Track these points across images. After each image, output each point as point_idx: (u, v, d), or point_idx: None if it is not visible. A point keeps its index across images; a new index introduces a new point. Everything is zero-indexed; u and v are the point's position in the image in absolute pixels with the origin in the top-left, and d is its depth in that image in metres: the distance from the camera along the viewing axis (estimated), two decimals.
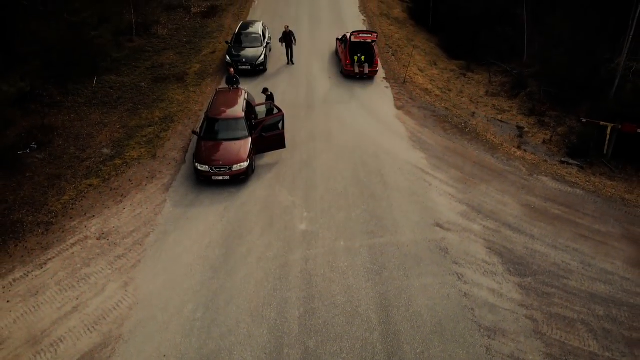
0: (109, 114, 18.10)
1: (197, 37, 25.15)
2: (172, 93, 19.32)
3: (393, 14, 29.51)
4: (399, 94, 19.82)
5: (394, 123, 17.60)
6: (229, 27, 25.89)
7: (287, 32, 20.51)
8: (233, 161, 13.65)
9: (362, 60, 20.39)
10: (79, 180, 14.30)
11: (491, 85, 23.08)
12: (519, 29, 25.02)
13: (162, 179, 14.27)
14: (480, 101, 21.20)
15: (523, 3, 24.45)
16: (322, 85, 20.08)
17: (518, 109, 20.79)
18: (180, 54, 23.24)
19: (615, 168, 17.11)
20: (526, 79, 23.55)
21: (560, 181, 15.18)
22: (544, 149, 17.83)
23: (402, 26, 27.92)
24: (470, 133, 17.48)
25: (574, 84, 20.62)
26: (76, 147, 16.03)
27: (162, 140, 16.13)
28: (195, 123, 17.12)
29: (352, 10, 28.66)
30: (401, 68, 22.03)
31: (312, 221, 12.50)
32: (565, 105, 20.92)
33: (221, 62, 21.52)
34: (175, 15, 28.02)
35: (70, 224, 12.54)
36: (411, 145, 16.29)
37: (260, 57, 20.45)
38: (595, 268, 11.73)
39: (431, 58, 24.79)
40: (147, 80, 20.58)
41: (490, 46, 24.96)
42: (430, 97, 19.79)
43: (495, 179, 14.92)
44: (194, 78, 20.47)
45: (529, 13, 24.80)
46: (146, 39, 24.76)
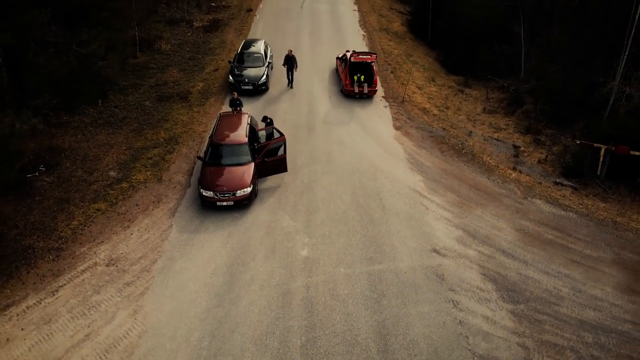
0: (114, 134, 18.57)
1: (200, 53, 25.63)
2: (176, 113, 19.79)
3: (392, 27, 29.97)
4: (397, 113, 20.28)
5: (392, 144, 18.06)
6: (230, 43, 26.36)
7: (290, 56, 20.91)
8: (237, 187, 14.11)
9: (361, 80, 20.86)
10: (87, 204, 14.76)
11: (488, 101, 23.55)
12: (516, 45, 25.51)
13: (168, 203, 14.73)
14: (478, 119, 21.66)
15: (520, 20, 24.91)
16: (322, 104, 20.54)
17: (514, 127, 21.26)
18: (183, 71, 23.72)
19: (609, 188, 17.56)
20: (523, 95, 24.05)
21: (554, 204, 15.64)
22: (539, 169, 18.29)
23: (401, 41, 28.38)
24: (467, 154, 17.94)
25: (569, 102, 21.12)
26: (83, 169, 16.49)
27: (167, 163, 16.60)
28: (199, 145, 17.59)
29: (352, 25, 29.14)
30: (400, 86, 22.49)
31: (313, 247, 12.97)
32: (561, 123, 21.40)
33: (224, 81, 21.98)
34: (177, 30, 28.50)
35: (80, 250, 13.00)
36: (409, 167, 16.75)
37: (262, 77, 20.91)
38: (585, 294, 12.19)
39: (429, 74, 25.25)
40: (152, 98, 21.06)
41: (488, 62, 25.44)
42: (428, 117, 20.25)
43: (491, 202, 15.38)
44: (198, 97, 20.92)
45: (526, 29, 25.27)
46: (150, 55, 25.25)
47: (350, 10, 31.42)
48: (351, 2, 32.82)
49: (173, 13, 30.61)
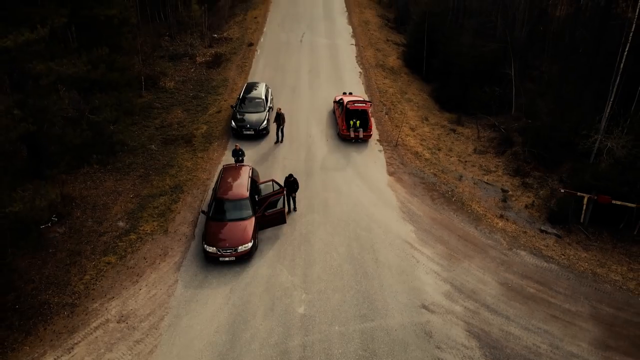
0: (122, 180, 19.54)
1: (203, 92, 26.65)
2: (180, 158, 20.76)
3: (388, 62, 31.01)
4: (391, 158, 21.26)
5: (385, 192, 19.02)
6: (232, 82, 27.39)
7: (280, 113, 21.31)
8: (238, 242, 15.06)
9: (357, 125, 21.85)
10: (98, 257, 15.71)
11: (479, 141, 24.54)
12: (507, 83, 26.54)
13: (174, 256, 15.67)
14: (469, 160, 22.63)
15: (511, 62, 25.93)
16: (320, 149, 21.51)
17: (504, 169, 22.24)
18: (187, 111, 24.73)
19: (592, 235, 18.52)
20: (513, 134, 25.07)
21: (537, 255, 16.59)
22: (525, 214, 19.26)
23: (396, 77, 29.41)
24: (457, 202, 18.91)
25: (557, 144, 22.11)
26: (93, 219, 17.45)
27: (172, 213, 17.56)
28: (203, 193, 18.55)
29: (350, 61, 30.17)
30: (394, 128, 23.50)
31: (310, 304, 13.90)
32: (549, 165, 22.42)
33: (226, 124, 22.97)
34: (181, 66, 29.56)
35: (93, 306, 13.93)
36: (401, 216, 17.71)
37: (263, 122, 21.90)
38: (562, 351, 13.11)
39: (423, 112, 26.26)
40: (157, 141, 22.05)
41: (480, 99, 26.48)
42: (420, 162, 21.23)
43: (478, 254, 16.33)
44: (202, 141, 21.91)
45: (516, 69, 26.29)
46: (154, 94, 26.29)
47: (348, 45, 32.47)
48: (349, 36, 33.88)
49: (176, 47, 31.65)
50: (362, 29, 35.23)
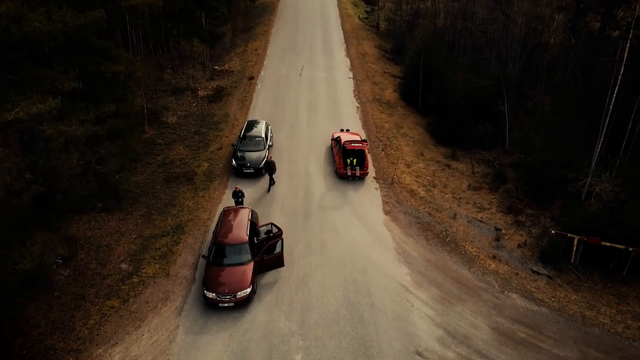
0: (125, 220, 20.11)
1: (205, 127, 27.36)
2: (182, 197, 21.35)
3: (385, 96, 31.80)
4: (387, 196, 21.85)
5: (381, 232, 19.56)
6: (233, 117, 28.12)
7: (270, 162, 21.52)
8: (237, 288, 15.55)
9: (354, 163, 22.48)
10: (102, 300, 16.18)
11: (474, 176, 25.16)
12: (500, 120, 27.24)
13: (175, 300, 16.15)
14: (463, 197, 23.21)
15: (504, 98, 26.66)
16: (318, 187, 22.10)
17: (497, 206, 22.80)
18: (189, 147, 25.41)
19: (582, 275, 19.00)
20: (506, 169, 25.70)
21: (528, 298, 17.05)
22: (518, 253, 19.77)
23: (392, 111, 30.16)
24: (450, 243, 19.43)
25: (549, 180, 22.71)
26: (97, 261, 17.97)
27: (174, 255, 18.08)
28: (204, 234, 19.09)
29: (347, 95, 30.95)
30: (390, 165, 24.14)
31: (307, 351, 14.33)
32: (541, 202, 22.99)
33: (227, 161, 23.60)
34: (183, 100, 30.34)
35: (97, 352, 14.37)
36: (397, 258, 18.22)
37: (263, 161, 22.53)
38: None
39: (418, 147, 26.93)
40: (159, 179, 22.68)
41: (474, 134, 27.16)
42: (415, 200, 21.81)
43: (471, 297, 16.80)
44: (203, 179, 22.52)
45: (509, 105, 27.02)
46: (157, 129, 27.00)
47: (346, 78, 33.31)
48: (347, 69, 34.75)
49: (179, 80, 32.52)
50: (359, 62, 36.13)
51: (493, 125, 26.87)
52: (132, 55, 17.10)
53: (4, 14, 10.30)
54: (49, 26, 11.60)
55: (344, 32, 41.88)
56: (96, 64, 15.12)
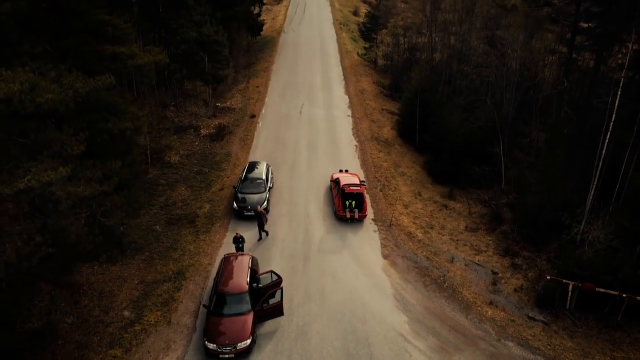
0: (127, 264, 20.46)
1: (207, 166, 27.93)
2: (184, 240, 21.74)
3: (383, 134, 32.48)
4: (385, 239, 22.24)
5: (380, 277, 19.87)
6: (235, 156, 28.72)
7: (260, 212, 21.39)
8: (238, 339, 15.80)
9: (352, 206, 22.94)
10: (105, 349, 16.41)
11: (471, 217, 25.60)
12: (496, 161, 27.83)
13: (177, 350, 16.38)
14: (460, 239, 23.60)
15: (499, 140, 27.31)
16: (317, 229, 22.49)
17: (494, 248, 23.17)
18: (191, 187, 25.92)
19: (578, 320, 19.26)
20: (503, 210, 26.17)
21: (524, 347, 17.29)
22: (515, 298, 20.07)
23: (390, 149, 30.79)
24: (448, 289, 19.75)
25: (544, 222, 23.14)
26: (100, 307, 18.26)
27: (175, 302, 18.37)
28: (205, 280, 19.41)
29: (346, 134, 31.63)
30: (388, 207, 24.60)
31: None
32: (537, 244, 23.37)
33: (228, 203, 24.06)
34: (185, 138, 31.00)
35: None
36: (395, 305, 18.50)
37: (263, 204, 22.98)
38: None
39: (416, 187, 27.44)
40: (161, 222, 23.11)
41: (471, 174, 27.72)
42: (413, 244, 22.20)
43: (468, 346, 17.03)
44: (204, 222, 22.94)
45: (504, 146, 27.65)
46: (160, 169, 27.55)
47: (345, 116, 34.07)
48: (345, 106, 35.56)
49: (181, 118, 33.25)
50: (358, 99, 36.98)
51: (489, 166, 27.47)
52: (138, 109, 17.67)
53: (19, 91, 10.88)
54: (61, 95, 12.19)
55: (342, 68, 42.91)
56: (104, 121, 15.73)
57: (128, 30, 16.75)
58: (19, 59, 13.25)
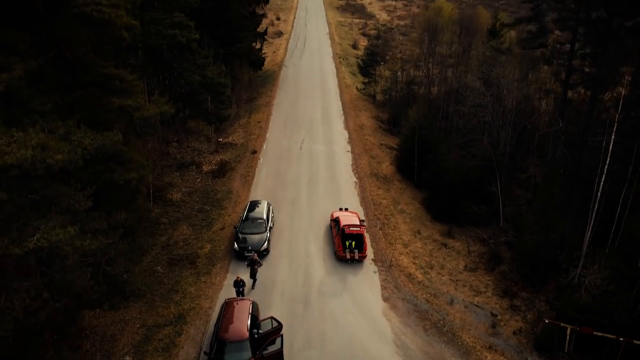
0: (129, 307, 20.56)
1: (208, 204, 28.29)
2: (185, 282, 21.92)
3: (382, 170, 32.95)
4: (385, 280, 22.41)
5: (380, 322, 19.96)
6: (236, 194, 29.10)
7: (254, 259, 21.31)
8: None
9: (352, 246, 23.18)
10: None
11: (470, 256, 25.82)
12: (494, 199, 28.20)
13: None
14: (459, 279, 23.77)
15: (497, 178, 27.75)
16: (317, 271, 22.67)
17: (493, 289, 23.33)
18: (192, 226, 26.22)
19: None
20: (501, 248, 26.43)
21: None
22: (514, 341, 20.15)
23: (389, 186, 31.20)
24: (448, 333, 19.84)
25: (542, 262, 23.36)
26: (102, 352, 18.33)
27: (176, 348, 18.44)
28: (205, 325, 19.51)
29: (346, 170, 32.09)
30: (388, 246, 24.84)
31: None
32: (535, 285, 23.53)
33: (229, 243, 24.29)
34: (187, 175, 31.46)
35: None
36: (395, 351, 18.55)
37: (264, 244, 23.26)
38: None
39: (415, 225, 27.73)
40: (163, 262, 23.33)
41: (469, 212, 28.04)
42: (413, 285, 22.36)
43: None
44: (205, 263, 23.15)
45: (502, 185, 28.07)
46: (162, 207, 27.90)
47: (344, 152, 34.60)
48: (345, 142, 36.13)
49: (184, 154, 33.79)
50: (357, 134, 37.61)
51: (487, 204, 27.84)
52: (143, 158, 18.11)
53: (30, 158, 11.32)
54: (70, 155, 12.63)
55: (342, 102, 43.72)
56: (110, 172, 16.15)
57: (134, 82, 17.33)
58: (29, 117, 13.72)
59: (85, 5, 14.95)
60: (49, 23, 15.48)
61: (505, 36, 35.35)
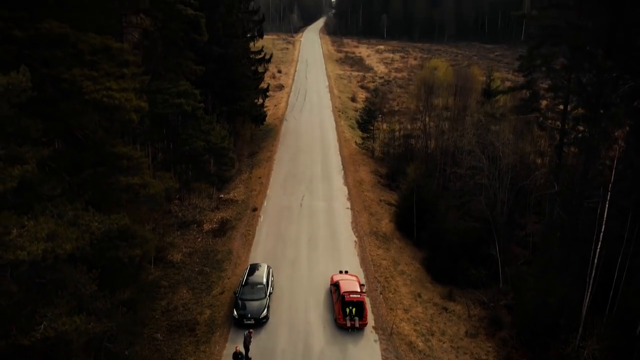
0: None
1: (208, 266, 28.39)
2: (184, 351, 21.73)
3: (381, 228, 33.27)
4: (386, 350, 22.22)
5: None
6: (236, 255, 29.27)
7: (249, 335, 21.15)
8: None
9: (353, 313, 23.15)
10: None
11: (470, 320, 25.74)
12: (493, 262, 28.39)
13: None
14: (461, 345, 23.62)
15: (495, 241, 28.04)
16: (317, 340, 22.47)
17: (494, 356, 23.19)
18: (192, 290, 26.22)
19: None
20: (502, 311, 26.39)
21: None
22: None
23: (389, 245, 31.42)
24: None
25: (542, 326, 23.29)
26: None
27: None
28: None
29: (346, 228, 32.41)
30: (388, 312, 24.80)
31: None
32: (536, 351, 23.37)
33: (228, 309, 24.21)
34: (188, 235, 31.71)
35: None
36: None
37: (263, 311, 23.18)
38: None
39: (416, 287, 27.77)
40: (162, 329, 23.18)
41: (469, 274, 28.15)
42: (414, 355, 22.21)
43: None
44: (205, 330, 23.03)
45: (500, 247, 28.32)
46: (162, 269, 27.96)
47: (344, 208, 35.05)
48: (344, 198, 36.66)
49: (185, 212, 34.17)
50: (356, 190, 38.19)
51: (486, 264, 28.08)
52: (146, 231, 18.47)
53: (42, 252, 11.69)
54: (78, 242, 13.00)
55: (341, 157, 44.61)
56: (114, 249, 16.43)
57: (141, 160, 17.92)
58: (40, 201, 14.17)
59: (96, 92, 15.67)
60: (61, 108, 16.21)
61: (499, 99, 36.58)
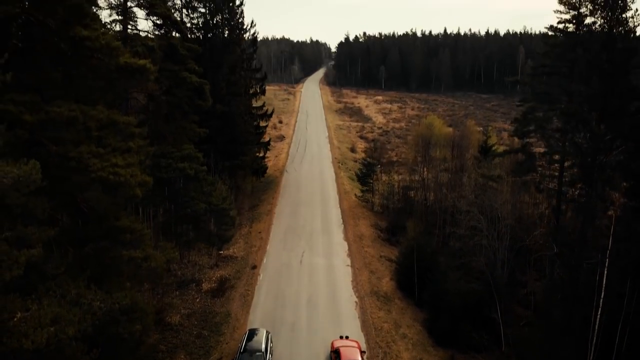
0: None
1: (207, 329, 27.98)
2: None
3: (382, 287, 33.04)
4: None
5: None
6: (235, 317, 28.91)
7: None
8: None
9: None
10: None
11: None
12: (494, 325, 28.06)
13: None
14: None
15: (496, 303, 27.83)
16: None
17: None
18: (190, 355, 25.73)
19: None
20: None
21: None
22: None
23: (390, 306, 31.11)
24: None
25: None
26: None
27: None
28: None
29: (346, 288, 32.18)
30: None
31: None
32: None
33: None
34: (187, 295, 31.43)
35: None
36: None
37: None
38: None
39: (418, 352, 27.27)
40: None
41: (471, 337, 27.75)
42: None
43: None
44: None
45: (501, 309, 28.08)
46: (160, 332, 27.50)
47: (344, 266, 34.94)
48: (345, 254, 36.61)
49: (184, 270, 34.01)
50: (356, 245, 38.20)
51: (488, 328, 27.66)
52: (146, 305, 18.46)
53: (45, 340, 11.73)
54: (80, 325, 13.03)
55: (341, 210, 44.87)
56: (115, 324, 16.38)
57: (144, 232, 18.15)
58: (44, 282, 14.28)
59: (103, 170, 16.12)
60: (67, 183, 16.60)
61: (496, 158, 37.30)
